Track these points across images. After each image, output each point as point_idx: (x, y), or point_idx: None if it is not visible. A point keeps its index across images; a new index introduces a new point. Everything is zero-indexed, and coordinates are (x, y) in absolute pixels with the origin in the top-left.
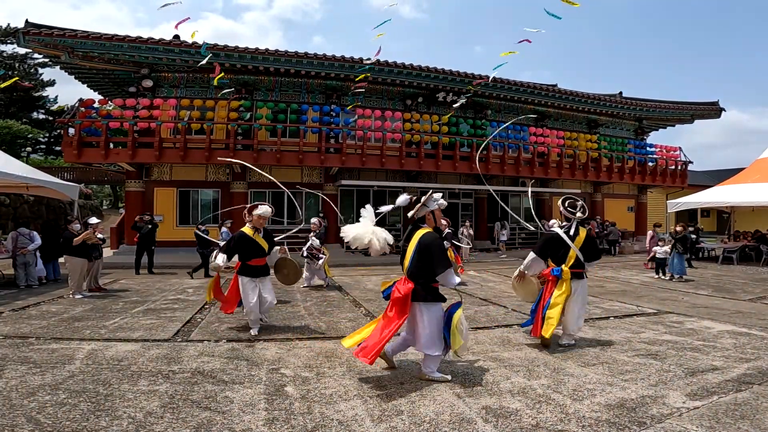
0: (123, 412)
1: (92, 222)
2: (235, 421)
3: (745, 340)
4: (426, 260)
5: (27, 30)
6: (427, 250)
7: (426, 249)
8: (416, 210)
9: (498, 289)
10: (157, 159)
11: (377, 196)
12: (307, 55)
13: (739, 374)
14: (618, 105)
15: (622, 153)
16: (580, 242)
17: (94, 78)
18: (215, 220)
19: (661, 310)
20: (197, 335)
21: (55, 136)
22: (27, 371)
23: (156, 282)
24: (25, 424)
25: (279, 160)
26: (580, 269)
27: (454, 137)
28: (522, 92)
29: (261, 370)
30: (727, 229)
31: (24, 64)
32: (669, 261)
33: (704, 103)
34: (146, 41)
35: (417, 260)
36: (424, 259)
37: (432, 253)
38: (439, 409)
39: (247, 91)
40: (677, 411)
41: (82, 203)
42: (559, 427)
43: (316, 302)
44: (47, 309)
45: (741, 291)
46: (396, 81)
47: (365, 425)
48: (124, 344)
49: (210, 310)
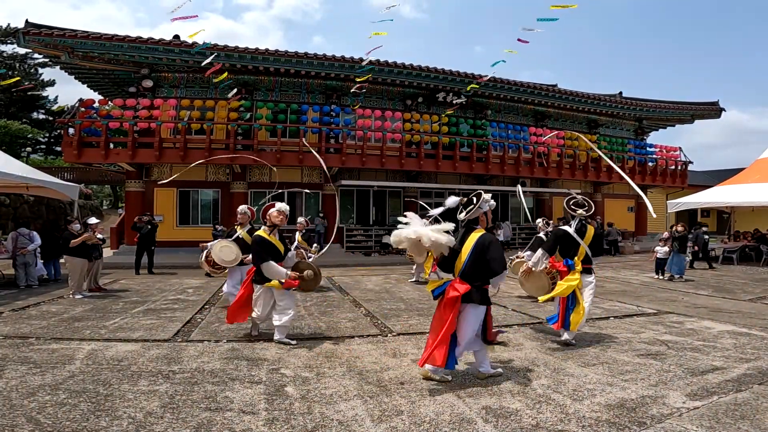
0: (123, 412)
1: (91, 222)
2: (235, 421)
3: (745, 340)
4: (483, 261)
5: (27, 30)
6: (486, 252)
7: (485, 250)
8: (471, 212)
9: (498, 290)
10: (157, 159)
11: (377, 196)
12: (306, 55)
13: (739, 374)
14: (618, 105)
15: (622, 153)
16: (589, 239)
17: (94, 78)
18: (215, 219)
19: (661, 310)
20: (197, 335)
21: (55, 136)
22: (27, 371)
23: (156, 282)
24: (25, 424)
25: (279, 160)
26: (589, 265)
27: (454, 137)
28: (522, 92)
29: (261, 370)
30: (727, 229)
31: (24, 64)
32: (668, 261)
33: (704, 103)
34: (146, 41)
35: (473, 261)
36: (481, 261)
37: (491, 254)
38: (439, 409)
39: (247, 91)
40: (677, 411)
41: (82, 203)
42: (559, 427)
43: (316, 302)
44: (47, 309)
45: (741, 291)
46: (396, 81)
47: (365, 425)
48: (124, 344)
49: (210, 311)
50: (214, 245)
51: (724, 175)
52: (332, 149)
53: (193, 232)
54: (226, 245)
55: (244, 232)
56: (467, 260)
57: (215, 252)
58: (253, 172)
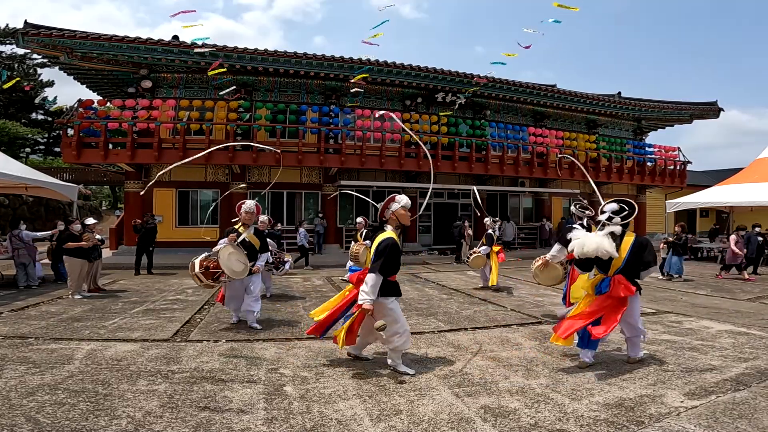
0: (122, 411)
1: (89, 223)
2: (234, 421)
3: (744, 340)
4: (638, 259)
5: (26, 30)
6: (644, 250)
7: (643, 249)
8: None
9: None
10: (157, 159)
11: (376, 197)
12: (306, 55)
13: (738, 374)
14: (617, 105)
15: (621, 153)
16: None
17: (93, 79)
18: (214, 219)
19: (660, 310)
20: (197, 335)
21: (54, 136)
22: (26, 371)
23: (155, 282)
24: (25, 424)
25: (278, 160)
26: None
27: (453, 137)
28: (521, 92)
29: (260, 369)
30: (726, 229)
31: (23, 64)
32: (666, 261)
33: (703, 104)
34: (145, 42)
35: (631, 260)
36: (638, 258)
37: (648, 252)
38: (437, 409)
39: (247, 91)
40: (675, 410)
41: (81, 204)
42: (558, 427)
43: (315, 302)
44: (46, 309)
45: (740, 291)
46: (395, 81)
47: (364, 424)
48: (123, 344)
49: (209, 311)
50: (220, 250)
51: (722, 175)
52: (331, 149)
53: (193, 232)
54: (234, 252)
55: (250, 233)
56: (626, 259)
57: (223, 261)
58: (252, 172)
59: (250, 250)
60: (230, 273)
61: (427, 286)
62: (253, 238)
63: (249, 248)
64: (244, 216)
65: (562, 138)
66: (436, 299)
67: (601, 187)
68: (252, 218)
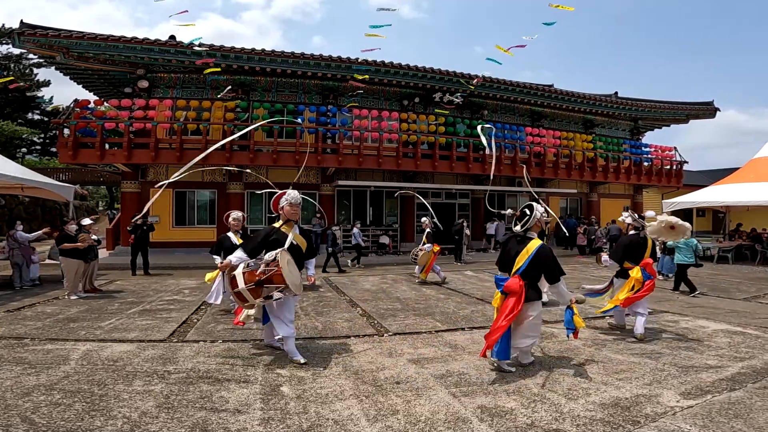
0: (118, 412)
1: (85, 223)
2: (230, 421)
3: (740, 339)
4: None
5: (22, 30)
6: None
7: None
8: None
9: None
10: (153, 160)
11: (374, 197)
12: (303, 55)
13: (734, 373)
14: (613, 105)
15: (618, 153)
16: None
17: (89, 79)
18: (211, 220)
19: (657, 310)
20: (193, 336)
21: (50, 137)
22: (22, 372)
23: (152, 283)
24: (20, 424)
25: (275, 160)
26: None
27: (450, 137)
28: (518, 92)
29: (257, 370)
30: (722, 228)
31: (19, 64)
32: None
33: (699, 103)
34: (141, 41)
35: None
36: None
37: (656, 251)
38: (434, 409)
39: (244, 91)
40: (671, 410)
41: (78, 204)
42: (554, 426)
43: (312, 302)
44: (42, 310)
45: (736, 290)
46: (393, 81)
47: (361, 424)
48: (119, 345)
49: (206, 311)
50: (279, 256)
51: (719, 175)
52: (329, 149)
53: (190, 232)
54: (290, 259)
55: (296, 233)
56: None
57: (285, 272)
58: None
59: (295, 254)
60: (294, 288)
61: (424, 285)
62: (299, 238)
63: (295, 252)
64: (288, 210)
65: (559, 138)
66: (433, 299)
67: (598, 187)
68: (298, 213)
